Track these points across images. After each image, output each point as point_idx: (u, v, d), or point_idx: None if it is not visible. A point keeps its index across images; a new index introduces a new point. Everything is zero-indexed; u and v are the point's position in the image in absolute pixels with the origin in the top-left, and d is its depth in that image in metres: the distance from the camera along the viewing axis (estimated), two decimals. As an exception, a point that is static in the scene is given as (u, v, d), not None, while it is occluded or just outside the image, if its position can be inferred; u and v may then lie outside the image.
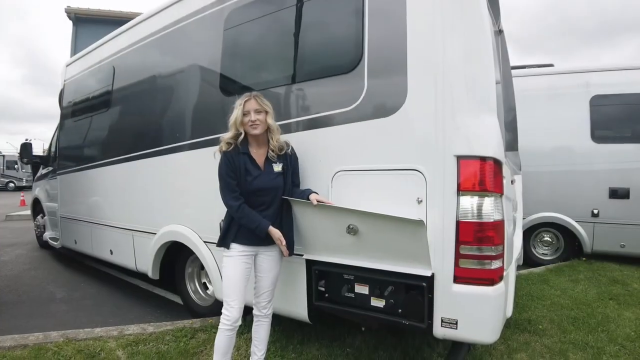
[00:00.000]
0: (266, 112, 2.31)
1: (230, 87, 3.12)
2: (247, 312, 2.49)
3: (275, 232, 2.30)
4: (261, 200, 2.33)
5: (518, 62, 8.85)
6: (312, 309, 2.58)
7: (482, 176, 1.99)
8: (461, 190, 2.01)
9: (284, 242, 2.31)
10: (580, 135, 5.68)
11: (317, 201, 2.25)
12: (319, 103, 2.55)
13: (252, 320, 2.55)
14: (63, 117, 6.05)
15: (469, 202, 2.00)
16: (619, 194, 5.42)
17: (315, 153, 2.54)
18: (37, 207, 7.64)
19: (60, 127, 6.13)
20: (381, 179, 2.24)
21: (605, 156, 5.55)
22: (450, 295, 2.05)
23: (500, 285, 2.04)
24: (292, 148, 2.45)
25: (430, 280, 2.08)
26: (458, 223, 2.00)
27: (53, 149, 6.62)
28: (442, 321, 2.07)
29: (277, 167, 2.36)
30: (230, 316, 2.28)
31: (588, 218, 5.61)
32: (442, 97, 2.07)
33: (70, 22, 15.15)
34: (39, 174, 7.68)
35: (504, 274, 2.10)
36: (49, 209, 6.87)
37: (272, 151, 2.36)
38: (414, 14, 2.16)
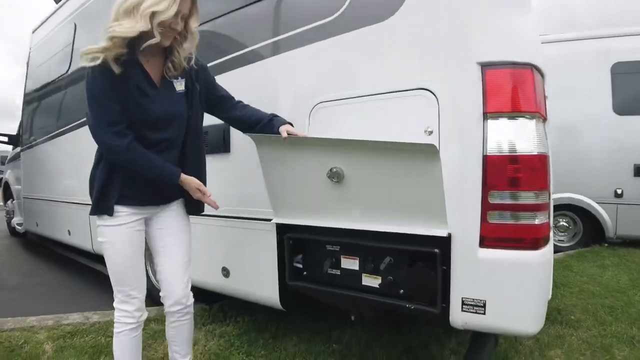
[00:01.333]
0: (191, 16, 1.51)
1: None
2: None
3: (192, 181, 1.57)
4: (159, 136, 1.53)
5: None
6: (286, 291, 1.98)
7: (517, 91, 1.37)
8: (489, 112, 1.39)
9: (209, 193, 1.60)
10: (600, 107, 5.05)
11: (288, 134, 1.61)
12: (292, 18, 1.94)
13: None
14: (27, 87, 5.45)
15: (499, 129, 1.38)
16: (646, 171, 4.80)
17: (286, 83, 1.93)
18: (7, 192, 7.07)
19: (25, 99, 5.53)
20: (375, 107, 1.62)
21: (630, 130, 4.92)
22: (474, 265, 1.42)
23: (547, 249, 1.42)
24: (195, 56, 1.61)
25: (445, 244, 1.46)
26: (485, 159, 1.39)
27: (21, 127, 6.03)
28: (462, 304, 1.45)
29: (179, 85, 1.56)
30: (130, 312, 1.57)
31: (611, 199, 4.98)
32: (460, -15, 1.45)
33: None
34: (9, 156, 7.10)
35: (550, 234, 1.48)
36: (16, 192, 6.30)
37: (173, 65, 1.54)
38: None
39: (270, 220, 1.92)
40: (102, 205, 1.51)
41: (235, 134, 2.16)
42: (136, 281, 1.58)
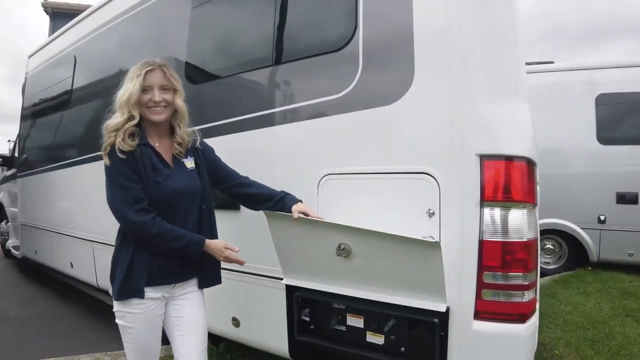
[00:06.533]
0: (175, 91, 1.65)
1: (198, 73, 2.63)
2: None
3: (217, 242, 1.67)
4: (173, 211, 1.63)
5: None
6: (295, 343, 2.11)
7: (511, 181, 1.54)
8: (485, 200, 1.55)
9: (237, 249, 1.68)
10: (585, 136, 5.29)
11: (300, 213, 1.72)
12: (301, 90, 2.08)
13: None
14: (24, 113, 5.50)
15: (494, 216, 1.55)
16: (626, 199, 5.05)
17: (296, 152, 2.07)
18: (1, 213, 7.03)
19: (22, 124, 5.58)
20: (381, 185, 1.78)
21: (612, 159, 5.18)
22: (469, 335, 1.59)
23: (533, 321, 1.60)
24: (201, 136, 1.81)
25: (443, 316, 1.62)
26: (481, 243, 1.55)
27: (16, 149, 6.05)
28: (459, 369, 1.62)
29: (190, 163, 1.71)
30: None
31: (594, 225, 5.23)
32: (458, 79, 1.62)
33: (48, 17, 14.54)
34: (3, 176, 7.09)
35: (537, 305, 1.66)
36: (11, 214, 6.30)
37: (180, 145, 1.70)
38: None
39: (280, 279, 2.05)
40: (128, 288, 1.56)
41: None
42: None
